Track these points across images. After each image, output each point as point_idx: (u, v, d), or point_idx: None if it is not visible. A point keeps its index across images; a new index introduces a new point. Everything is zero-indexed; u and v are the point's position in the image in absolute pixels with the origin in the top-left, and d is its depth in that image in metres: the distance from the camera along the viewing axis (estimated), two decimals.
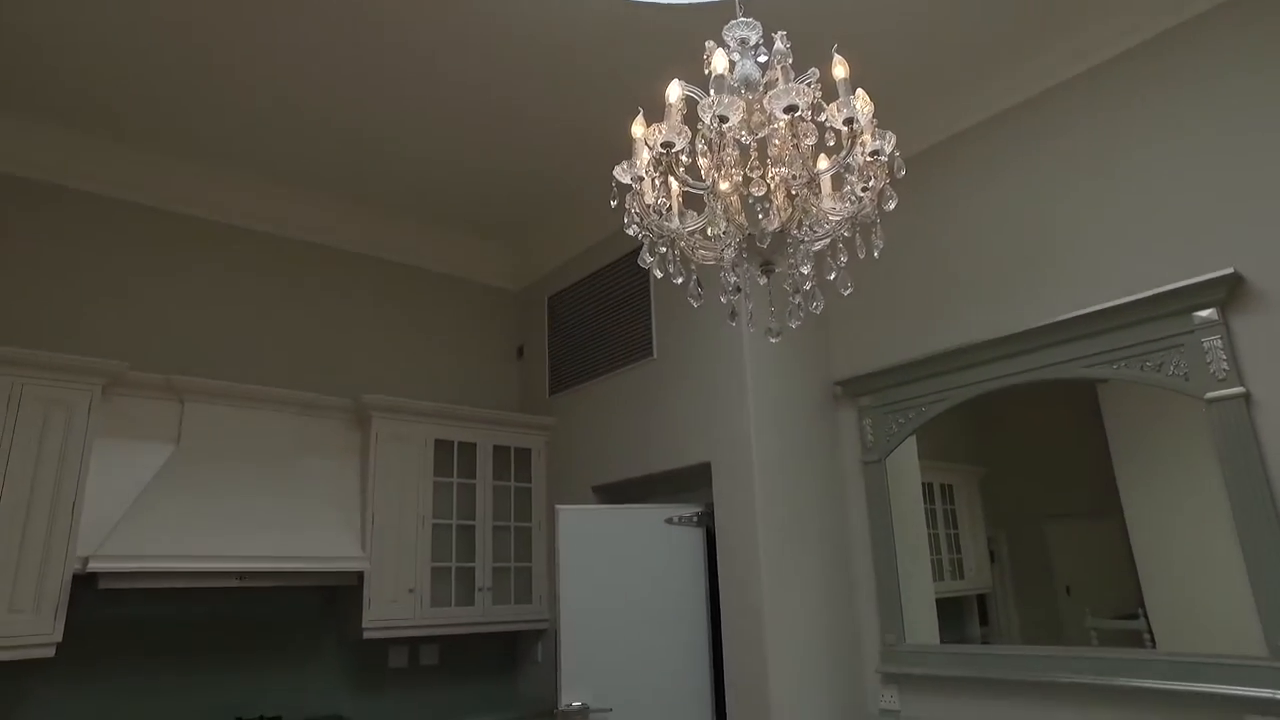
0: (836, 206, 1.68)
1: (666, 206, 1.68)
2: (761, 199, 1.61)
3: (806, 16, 3.08)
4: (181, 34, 3.17)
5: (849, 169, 1.64)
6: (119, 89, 3.49)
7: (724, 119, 1.54)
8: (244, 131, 3.85)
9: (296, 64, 3.37)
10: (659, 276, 1.73)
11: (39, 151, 3.79)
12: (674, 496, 4.22)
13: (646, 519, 3.82)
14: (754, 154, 1.63)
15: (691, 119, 1.61)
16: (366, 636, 3.87)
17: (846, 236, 1.72)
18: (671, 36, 3.20)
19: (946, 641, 3.28)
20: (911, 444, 3.53)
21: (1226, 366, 2.63)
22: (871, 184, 1.63)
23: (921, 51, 3.33)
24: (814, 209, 1.64)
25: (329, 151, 4.04)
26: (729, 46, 1.77)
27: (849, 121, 1.58)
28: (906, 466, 3.54)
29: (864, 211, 1.66)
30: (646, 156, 1.66)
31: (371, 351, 4.67)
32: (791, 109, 1.53)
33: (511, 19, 3.12)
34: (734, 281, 1.67)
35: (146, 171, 4.04)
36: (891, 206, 1.65)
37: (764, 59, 1.79)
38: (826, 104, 1.61)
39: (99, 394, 3.40)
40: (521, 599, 4.49)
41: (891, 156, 1.65)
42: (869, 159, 1.62)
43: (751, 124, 1.65)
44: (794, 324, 1.73)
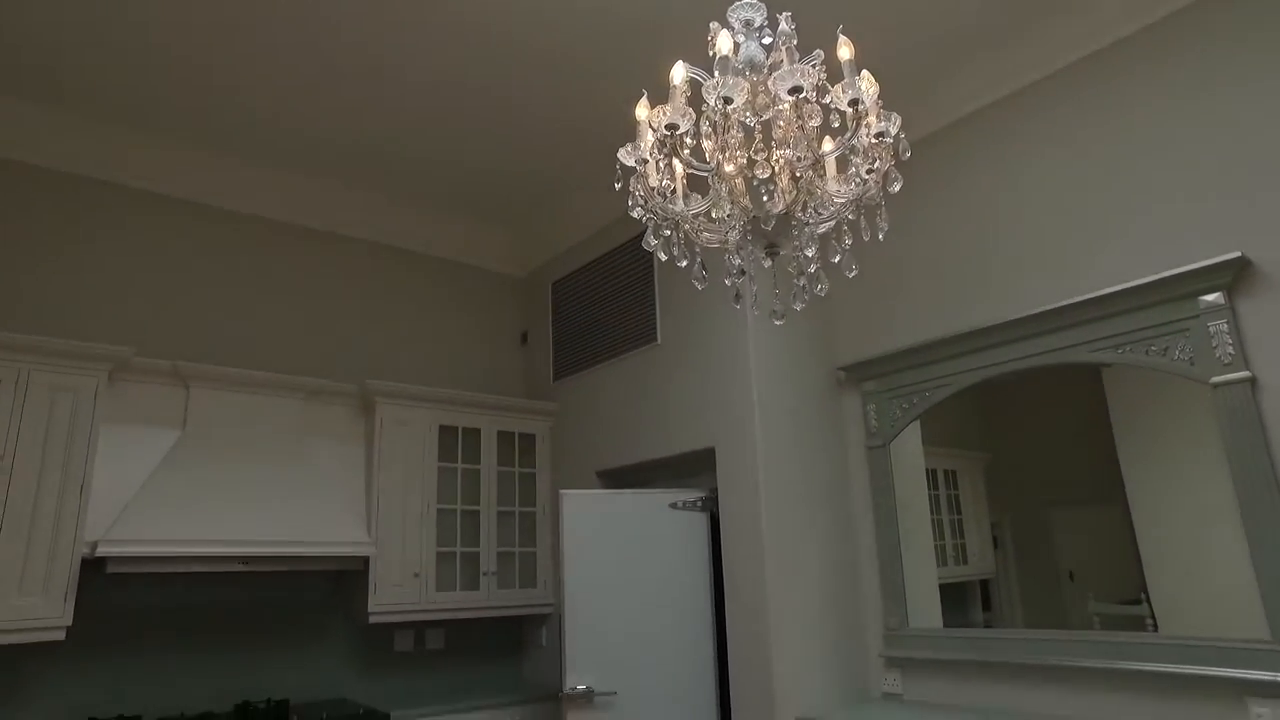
0: (841, 189, 1.67)
1: (671, 189, 1.68)
2: (766, 181, 1.60)
3: None
4: (184, 25, 3.16)
5: (854, 151, 1.63)
6: (125, 78, 3.48)
7: (729, 100, 1.53)
8: (247, 118, 3.84)
9: (299, 50, 3.36)
10: (663, 259, 1.73)
11: (44, 138, 3.79)
12: (678, 481, 4.23)
13: (650, 504, 3.83)
14: (759, 136, 1.62)
15: (696, 101, 1.61)
16: (372, 620, 3.89)
17: (851, 219, 1.71)
18: (675, 22, 3.18)
19: (950, 626, 3.29)
20: (915, 429, 3.53)
21: (1232, 351, 2.62)
22: (876, 166, 1.62)
23: (928, 32, 3.30)
24: (819, 191, 1.63)
25: (333, 137, 4.03)
26: (733, 28, 1.76)
27: (854, 103, 1.57)
28: (910, 452, 3.54)
29: (869, 194, 1.65)
30: (651, 139, 1.65)
31: (376, 337, 4.68)
32: (796, 90, 1.52)
33: (511, 6, 3.10)
34: (738, 264, 1.66)
35: (152, 158, 4.04)
36: (896, 188, 1.64)
37: (769, 41, 1.78)
38: (831, 86, 1.60)
39: (105, 380, 3.41)
40: (526, 584, 4.52)
41: (896, 138, 1.64)
42: (874, 141, 1.61)
43: (756, 106, 1.64)
44: (798, 306, 1.72)
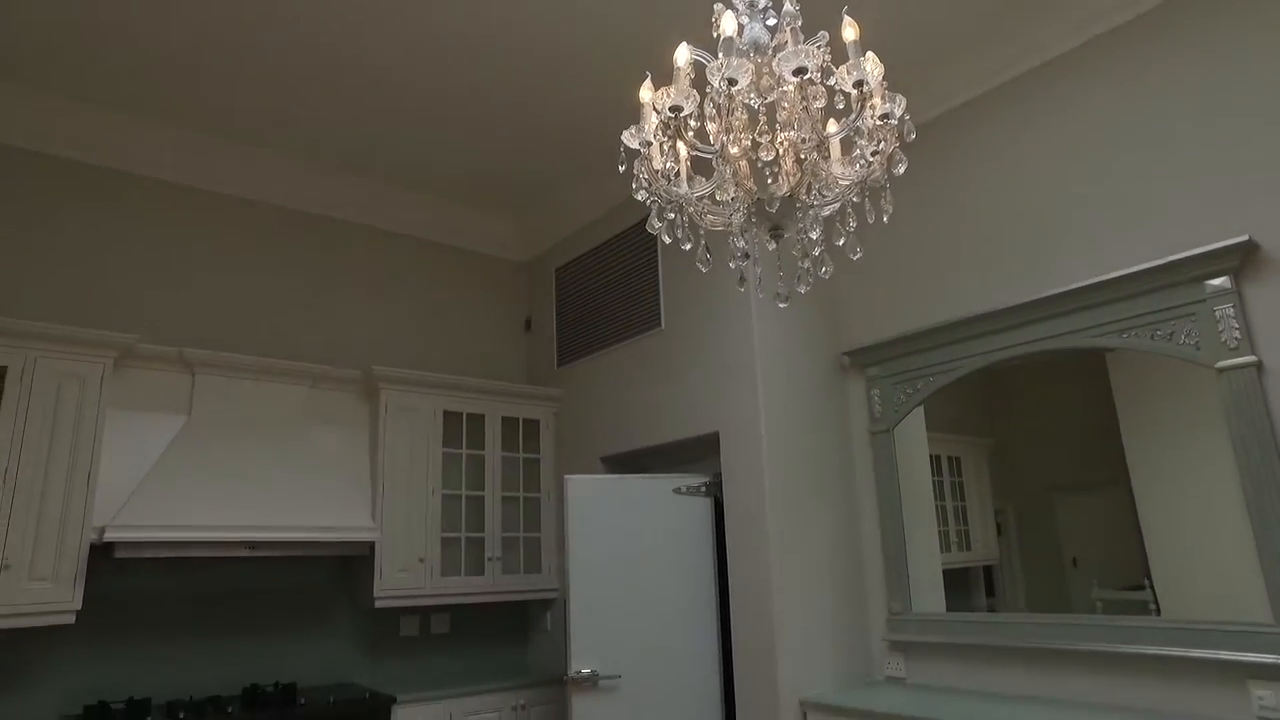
0: (846, 171, 1.67)
1: (675, 171, 1.67)
2: (770, 163, 1.60)
3: None
4: (188, 16, 3.15)
5: (858, 133, 1.62)
6: (131, 67, 3.48)
7: (733, 82, 1.52)
8: (253, 106, 3.83)
9: (302, 35, 3.34)
10: (667, 242, 1.73)
11: (49, 125, 3.79)
12: (682, 467, 4.24)
13: (655, 489, 3.84)
14: (763, 118, 1.61)
15: (700, 84, 1.60)
16: (378, 605, 3.92)
17: (855, 202, 1.71)
18: (679, 5, 3.16)
19: (953, 611, 3.30)
20: (919, 415, 3.53)
21: (1238, 335, 2.61)
22: (881, 147, 1.61)
23: (933, 16, 3.28)
24: (823, 173, 1.63)
25: (337, 124, 4.03)
26: (737, 9, 1.75)
27: (859, 84, 1.56)
28: (914, 437, 3.54)
29: (873, 176, 1.64)
30: (655, 121, 1.65)
31: (380, 324, 4.69)
32: (801, 71, 1.51)
33: None
34: (742, 247, 1.66)
35: (157, 145, 4.03)
36: (901, 170, 1.63)
37: (773, 22, 1.77)
38: (836, 68, 1.59)
39: (110, 367, 3.43)
40: (531, 569, 4.54)
41: (901, 120, 1.62)
42: (879, 122, 1.60)
43: (760, 87, 1.63)
44: (803, 289, 1.72)
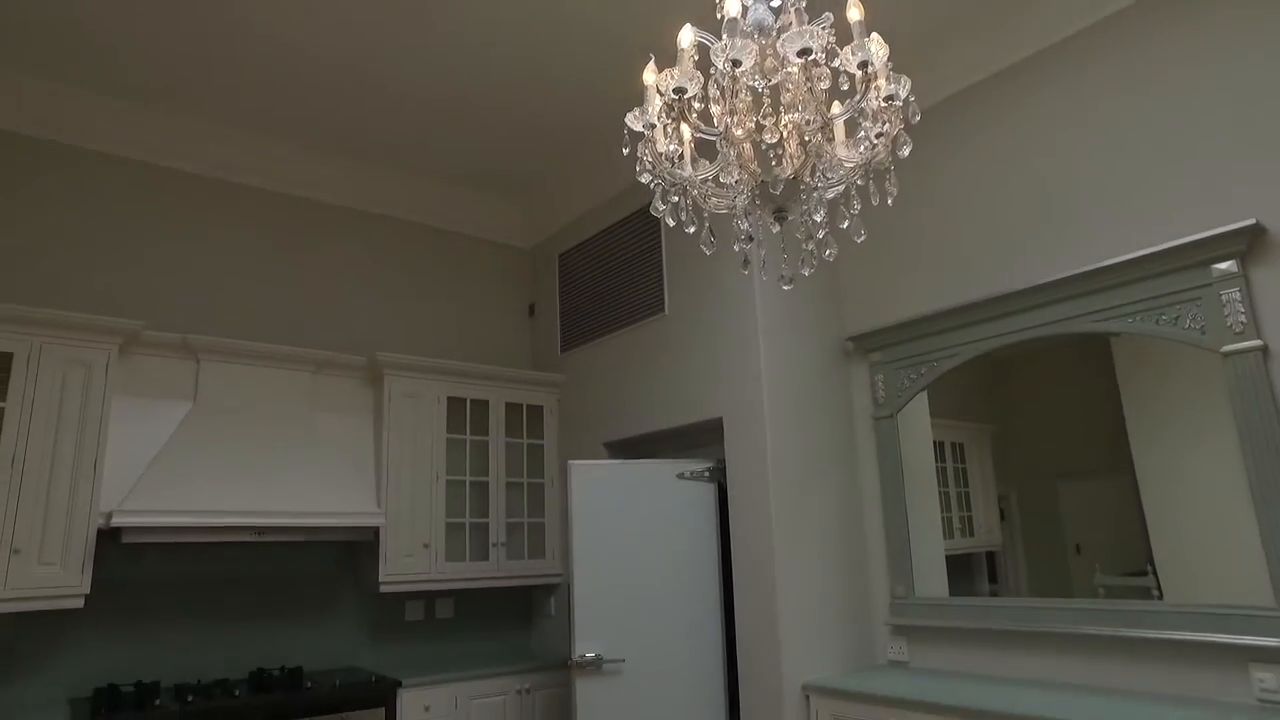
0: (850, 153, 1.66)
1: (679, 154, 1.67)
2: (774, 146, 1.59)
3: None
4: (192, 4, 3.15)
5: (863, 114, 1.61)
6: (135, 54, 3.47)
7: (737, 63, 1.51)
8: (255, 91, 3.82)
9: (304, 20, 3.33)
10: (671, 225, 1.72)
11: (52, 112, 3.78)
12: (686, 452, 4.25)
13: (658, 474, 3.85)
14: (767, 100, 1.61)
15: (704, 66, 1.59)
16: (383, 590, 3.94)
17: (860, 184, 1.70)
18: None
19: (955, 596, 3.32)
20: (923, 400, 3.53)
21: (1244, 319, 2.61)
22: (885, 129, 1.60)
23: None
24: (827, 155, 1.62)
25: (339, 112, 4.02)
26: None
27: (863, 65, 1.55)
28: (918, 423, 3.54)
29: (878, 158, 1.63)
30: (659, 103, 1.64)
31: (384, 309, 4.69)
32: (805, 52, 1.50)
33: None
34: (746, 229, 1.66)
35: (161, 132, 4.03)
36: (906, 153, 1.63)
37: (777, 3, 1.76)
38: (840, 49, 1.58)
39: (116, 353, 3.44)
40: (535, 554, 4.56)
41: (906, 102, 1.62)
42: (883, 104, 1.60)
43: (764, 69, 1.63)
44: (807, 272, 1.72)
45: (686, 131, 1.69)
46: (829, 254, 1.71)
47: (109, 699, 3.13)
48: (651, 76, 1.69)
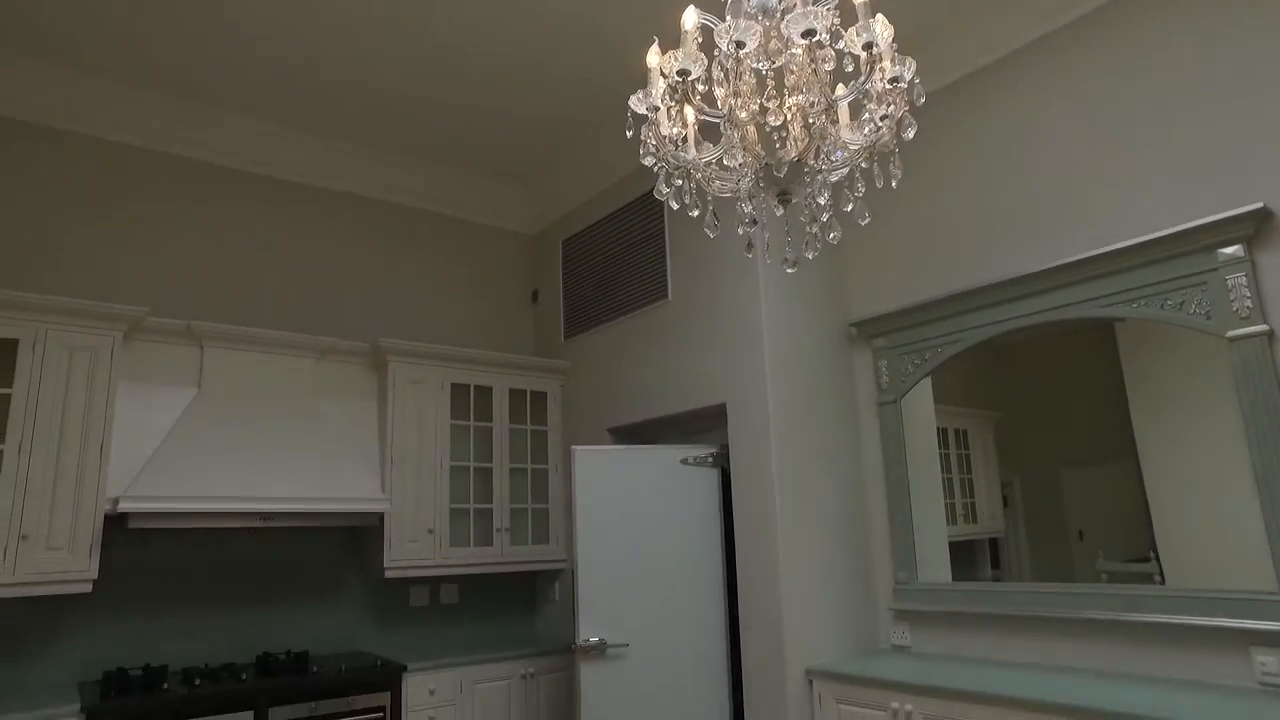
0: (854, 136, 1.65)
1: (682, 136, 1.66)
2: (778, 128, 1.58)
3: None
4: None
5: (867, 96, 1.60)
6: (138, 38, 3.46)
7: (741, 44, 1.50)
8: (259, 78, 3.81)
9: (310, 8, 3.31)
10: (675, 208, 1.72)
11: (57, 97, 3.78)
12: (689, 437, 4.25)
13: (662, 459, 3.86)
14: (771, 83, 1.60)
15: (708, 49, 1.58)
16: (388, 575, 3.97)
17: (864, 167, 1.69)
18: None
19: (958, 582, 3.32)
20: (927, 386, 3.52)
21: (1250, 304, 2.60)
22: (890, 111, 1.59)
23: None
24: (831, 137, 1.61)
25: (344, 97, 4.00)
26: None
27: (868, 46, 1.54)
28: (921, 409, 3.54)
29: (882, 140, 1.62)
30: (662, 85, 1.63)
31: (388, 296, 4.70)
32: (809, 33, 1.49)
33: None
34: (750, 212, 1.65)
35: (166, 119, 4.02)
36: (910, 135, 1.62)
37: None
38: (845, 31, 1.57)
39: (120, 340, 3.45)
40: (539, 539, 4.58)
41: (911, 84, 1.61)
42: (888, 86, 1.58)
43: (769, 50, 1.61)
44: (810, 254, 1.71)
45: (690, 114, 1.68)
46: (833, 237, 1.70)
47: (118, 682, 3.16)
48: (655, 59, 1.68)
